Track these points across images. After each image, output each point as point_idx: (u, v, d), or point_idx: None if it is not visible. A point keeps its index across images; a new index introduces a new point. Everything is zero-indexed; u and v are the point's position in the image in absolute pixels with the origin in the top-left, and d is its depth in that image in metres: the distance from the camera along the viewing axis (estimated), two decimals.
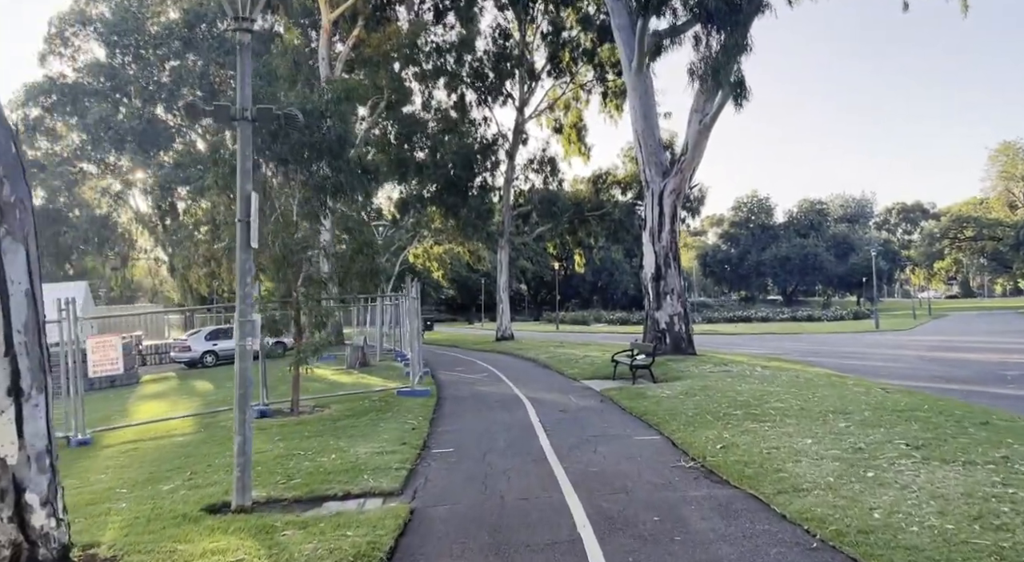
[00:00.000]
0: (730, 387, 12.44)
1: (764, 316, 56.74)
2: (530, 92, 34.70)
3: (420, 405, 12.57)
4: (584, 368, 18.04)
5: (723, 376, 14.14)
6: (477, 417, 11.40)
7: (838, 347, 25.53)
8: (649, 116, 19.14)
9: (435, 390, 15.14)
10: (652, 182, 19.01)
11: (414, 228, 45.38)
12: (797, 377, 13.59)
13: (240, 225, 6.34)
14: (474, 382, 16.97)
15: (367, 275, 12.50)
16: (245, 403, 6.38)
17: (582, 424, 10.24)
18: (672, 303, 18.63)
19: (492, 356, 25.79)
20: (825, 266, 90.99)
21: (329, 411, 12.39)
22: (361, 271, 12.35)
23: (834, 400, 10.47)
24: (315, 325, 12.23)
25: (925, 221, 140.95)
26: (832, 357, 20.64)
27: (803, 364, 17.37)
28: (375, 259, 12.48)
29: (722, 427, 8.91)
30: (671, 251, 18.81)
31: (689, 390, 12.33)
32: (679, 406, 10.75)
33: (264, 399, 12.48)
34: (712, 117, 17.72)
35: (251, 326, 6.42)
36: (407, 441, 9.15)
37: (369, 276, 12.55)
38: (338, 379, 18.58)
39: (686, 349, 18.48)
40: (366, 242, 12.28)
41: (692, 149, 18.23)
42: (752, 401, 10.69)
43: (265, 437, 9.98)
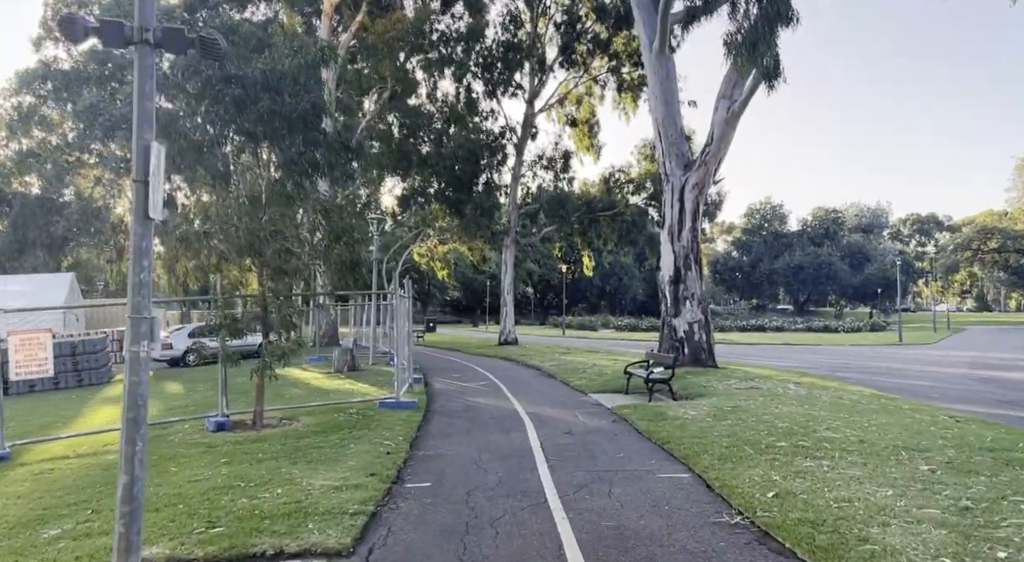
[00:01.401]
0: (765, 409, 10.64)
1: (778, 326, 54.77)
2: (541, 84, 33.01)
3: (403, 420, 10.84)
4: (592, 379, 16.27)
5: (753, 394, 12.33)
6: (467, 438, 9.65)
7: (867, 362, 23.64)
8: (670, 103, 17.36)
9: (424, 401, 13.40)
10: (672, 176, 17.24)
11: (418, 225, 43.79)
12: (840, 398, 11.77)
13: (136, 187, 4.62)
14: (470, 392, 15.23)
15: (346, 268, 10.79)
16: (136, 431, 4.64)
17: (592, 452, 8.47)
18: (692, 309, 16.83)
19: (493, 362, 24.05)
20: (840, 276, 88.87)
21: (297, 425, 10.68)
22: (339, 263, 10.65)
23: (898, 431, 8.66)
24: (284, 325, 10.51)
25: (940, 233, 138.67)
26: (865, 373, 18.79)
27: (838, 381, 15.54)
28: (355, 250, 10.77)
29: (768, 464, 7.12)
30: (692, 252, 17.03)
31: (717, 411, 10.54)
32: (709, 432, 8.96)
33: (223, 409, 10.77)
34: (742, 103, 15.93)
35: (147, 326, 4.69)
36: (376, 471, 7.41)
37: (349, 269, 10.84)
38: (321, 384, 16.88)
39: (706, 361, 16.68)
40: (344, 229, 10.57)
41: (718, 140, 16.45)
42: (797, 429, 8.89)
43: (209, 458, 8.28)
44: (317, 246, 10.74)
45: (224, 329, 10.18)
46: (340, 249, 10.68)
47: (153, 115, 4.88)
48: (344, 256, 10.66)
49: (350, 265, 10.79)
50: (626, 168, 34.22)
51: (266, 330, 10.86)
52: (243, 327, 10.33)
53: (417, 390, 15.15)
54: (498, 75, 31.72)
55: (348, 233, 10.61)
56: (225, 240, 9.92)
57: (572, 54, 31.59)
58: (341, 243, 10.60)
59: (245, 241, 9.83)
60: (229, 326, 10.12)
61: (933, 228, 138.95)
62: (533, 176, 34.62)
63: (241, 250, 9.84)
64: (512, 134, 32.96)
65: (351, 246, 10.78)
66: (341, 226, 10.54)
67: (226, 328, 10.16)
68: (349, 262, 10.75)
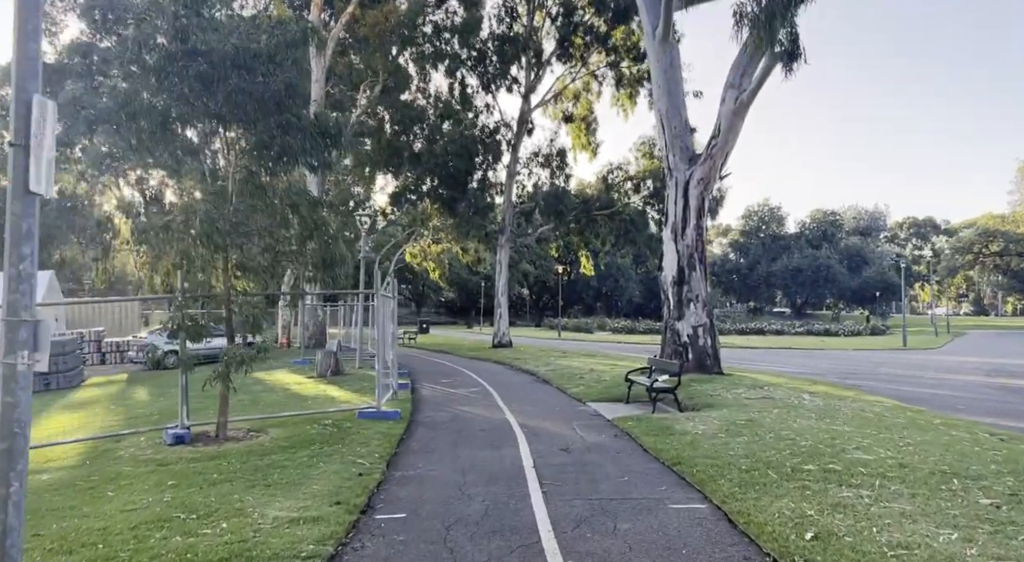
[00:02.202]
0: (782, 423, 9.63)
1: (778, 329, 53.87)
2: (537, 79, 31.99)
3: (383, 433, 9.80)
4: (590, 386, 15.26)
5: (766, 406, 11.32)
6: (452, 455, 8.62)
7: (877, 368, 22.68)
8: (674, 93, 16.37)
9: (409, 410, 12.37)
10: (676, 170, 16.24)
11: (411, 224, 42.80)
12: (863, 410, 10.77)
13: (13, 154, 3.58)
14: (459, 400, 14.20)
15: (321, 266, 9.74)
16: (11, 467, 3.60)
17: (592, 475, 7.45)
18: (696, 312, 15.83)
19: (486, 366, 23.01)
20: (838, 279, 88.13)
21: (265, 438, 9.64)
22: (312, 260, 9.60)
23: (939, 452, 7.66)
24: (248, 328, 9.47)
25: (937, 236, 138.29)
26: (878, 380, 17.83)
27: (852, 390, 14.56)
28: (331, 246, 9.73)
29: (798, 494, 6.12)
30: (696, 251, 16.02)
31: (730, 425, 9.53)
32: (724, 451, 7.95)
33: (184, 420, 9.71)
34: (751, 93, 14.94)
35: (28, 332, 3.64)
36: (343, 498, 6.39)
37: (324, 267, 9.80)
38: (301, 390, 15.83)
39: (712, 367, 15.68)
40: (318, 223, 9.53)
41: (725, 132, 15.46)
42: (823, 448, 7.88)
43: (156, 480, 7.24)
44: (289, 241, 9.69)
45: (183, 332, 9.12)
46: (314, 246, 9.63)
47: (39, 62, 3.83)
48: (318, 253, 9.62)
49: (325, 263, 9.74)
50: (625, 165, 33.24)
51: (230, 333, 9.83)
52: (204, 330, 9.27)
53: (403, 397, 14.13)
54: (493, 69, 30.72)
55: (322, 228, 9.57)
56: (184, 233, 8.88)
57: (569, 47, 30.58)
58: (314, 239, 9.55)
59: (203, 234, 8.79)
60: (188, 328, 9.06)
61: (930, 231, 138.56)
62: (529, 174, 33.65)
63: (200, 244, 8.78)
64: (507, 130, 31.97)
65: (325, 244, 9.73)
66: (314, 220, 9.49)
67: (185, 331, 9.10)
68: (324, 260, 9.70)
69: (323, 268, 9.88)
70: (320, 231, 9.62)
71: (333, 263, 9.72)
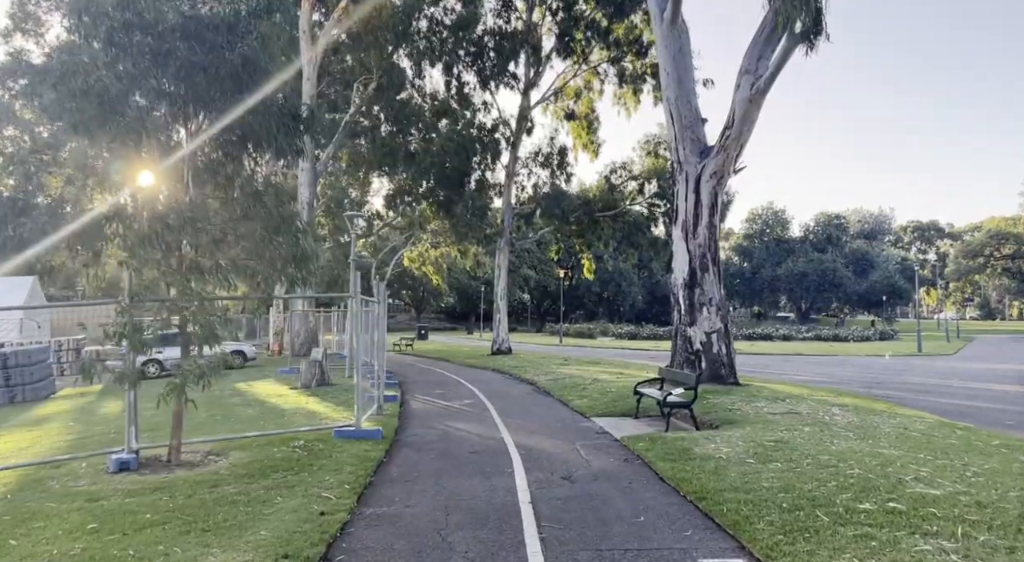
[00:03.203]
0: (819, 445, 8.36)
1: (785, 334, 52.51)
2: (537, 75, 30.80)
3: (358, 457, 8.55)
4: (595, 398, 13.99)
5: (794, 423, 10.05)
6: (435, 486, 7.36)
7: (899, 376, 21.38)
8: (684, 80, 15.16)
9: (394, 426, 11.12)
10: (687, 164, 15.02)
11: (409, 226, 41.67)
12: (905, 428, 9.50)
13: None
14: (451, 414, 12.94)
15: (289, 264, 8.51)
16: None
17: (601, 513, 6.20)
18: (710, 317, 14.58)
19: (483, 375, 21.74)
20: (844, 283, 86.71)
21: (223, 463, 8.39)
22: (278, 258, 8.36)
23: (1017, 484, 6.40)
24: (203, 337, 8.24)
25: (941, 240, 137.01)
26: (908, 390, 16.55)
27: (883, 402, 13.28)
28: (301, 243, 8.50)
29: (861, 545, 4.86)
30: (709, 251, 14.79)
31: (758, 447, 8.26)
32: (756, 481, 6.69)
33: (131, 442, 8.47)
34: (769, 78, 13.72)
35: None
36: (295, 548, 5.15)
37: (293, 266, 8.56)
38: (280, 403, 14.59)
39: (727, 377, 14.42)
40: (284, 217, 8.30)
41: (740, 122, 14.24)
42: (876, 479, 6.62)
43: (77, 520, 6.00)
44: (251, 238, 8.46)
45: (127, 341, 7.89)
46: (279, 243, 8.40)
47: None
48: (287, 252, 8.39)
49: (294, 262, 8.50)
50: (628, 164, 32.00)
51: (185, 343, 8.59)
52: (151, 339, 8.04)
53: (389, 411, 12.89)
54: (491, 65, 29.55)
55: (288, 222, 8.34)
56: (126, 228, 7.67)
57: (570, 42, 29.41)
58: (279, 235, 8.32)
59: (147, 228, 7.59)
60: (132, 337, 7.82)
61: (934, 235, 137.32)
62: (529, 174, 32.42)
63: (144, 240, 7.56)
64: (506, 128, 30.77)
65: (294, 240, 8.50)
66: (280, 214, 8.27)
67: (129, 340, 7.87)
68: (293, 257, 8.46)
69: (293, 267, 8.64)
70: (288, 225, 8.39)
71: (304, 260, 8.47)
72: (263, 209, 7.99)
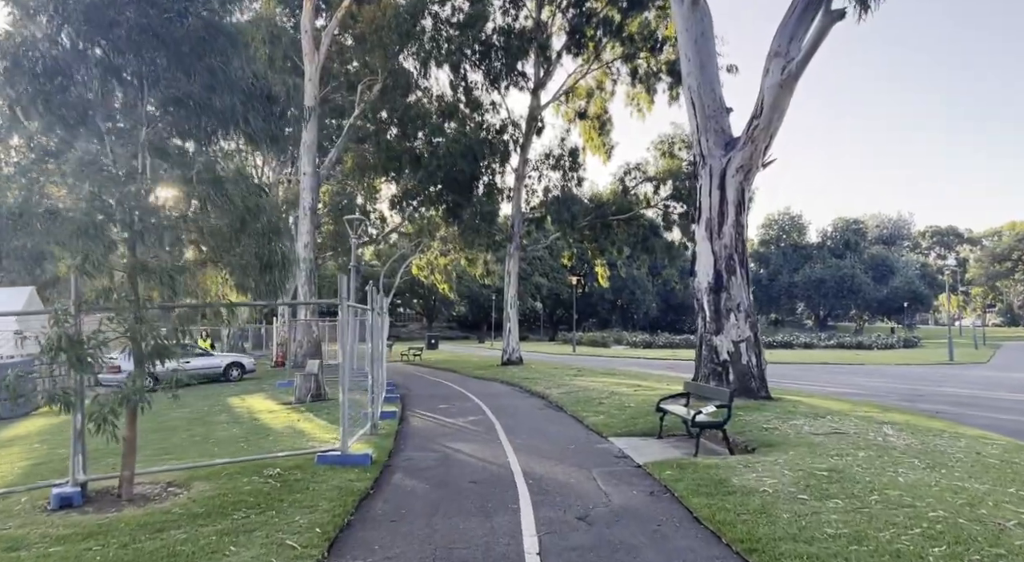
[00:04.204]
0: (880, 474, 7.04)
1: (806, 342, 50.85)
2: (547, 75, 29.68)
3: (340, 490, 7.34)
4: (612, 414, 12.70)
5: (844, 445, 8.72)
6: (427, 530, 6.12)
7: (939, 387, 19.90)
8: (707, 67, 13.92)
9: (387, 450, 9.89)
10: (710, 157, 13.76)
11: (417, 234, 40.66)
12: (978, 453, 8.15)
13: None
14: (454, 434, 11.71)
15: (260, 268, 7.35)
16: None
17: None
18: (737, 324, 13.28)
19: (492, 387, 20.49)
20: (863, 289, 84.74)
21: (181, 498, 7.21)
22: (245, 261, 7.21)
23: None
24: (153, 351, 7.09)
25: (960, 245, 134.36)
26: (957, 405, 15.11)
27: (941, 420, 11.90)
28: (273, 242, 7.34)
29: None
30: (736, 251, 13.51)
31: (809, 478, 6.97)
32: (815, 526, 5.41)
33: (77, 474, 7.31)
34: (801, 61, 12.46)
35: None
36: None
37: (262, 269, 7.41)
38: (269, 420, 13.44)
39: (758, 391, 13.09)
40: (251, 210, 7.15)
41: (769, 109, 12.98)
42: (968, 523, 5.31)
43: None
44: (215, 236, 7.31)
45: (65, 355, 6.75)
46: (248, 242, 7.25)
47: None
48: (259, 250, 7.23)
49: (264, 265, 7.33)
50: (643, 165, 30.73)
51: (138, 358, 7.43)
52: (91, 353, 6.89)
53: (385, 429, 11.67)
54: (499, 64, 28.44)
55: (255, 215, 7.17)
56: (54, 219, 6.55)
57: (582, 39, 28.27)
58: (246, 233, 7.16)
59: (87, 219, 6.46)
60: (69, 351, 6.68)
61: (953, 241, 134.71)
62: (539, 177, 31.21)
63: (78, 233, 6.43)
64: (515, 129, 29.64)
65: (265, 239, 7.34)
66: (246, 206, 7.10)
67: (67, 356, 6.72)
68: (259, 260, 7.29)
69: (262, 270, 7.47)
70: (255, 221, 7.23)
71: (271, 265, 7.30)
72: (224, 200, 6.81)
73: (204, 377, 23.48)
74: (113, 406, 6.96)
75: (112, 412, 6.91)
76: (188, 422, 13.61)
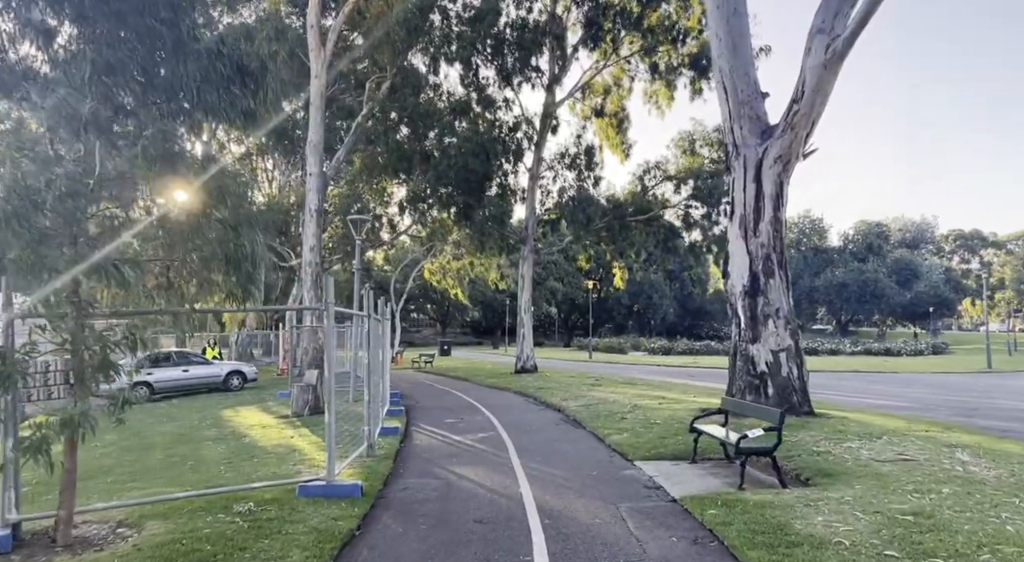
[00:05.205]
0: (983, 521, 5.70)
1: (832, 348, 49.08)
2: (563, 70, 28.45)
3: (319, 533, 6.12)
4: (637, 433, 11.38)
5: (918, 476, 7.37)
6: None
7: (991, 399, 18.37)
8: (740, 47, 12.63)
9: (383, 475, 8.66)
10: (745, 146, 12.45)
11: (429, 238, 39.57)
12: None
13: None
14: (460, 455, 10.45)
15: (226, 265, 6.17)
16: None
17: None
18: (777, 331, 11.94)
19: (504, 398, 19.22)
20: (886, 294, 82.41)
21: (130, 542, 6.03)
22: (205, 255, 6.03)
23: None
24: (96, 367, 5.93)
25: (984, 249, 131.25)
26: (1018, 420, 13.63)
27: (1012, 441, 10.48)
28: (241, 235, 6.16)
29: None
30: (775, 251, 12.18)
31: (891, 524, 5.64)
32: None
33: (8, 513, 6.15)
34: (848, 38, 11.12)
35: None
36: None
37: (231, 267, 6.23)
38: (261, 436, 12.27)
39: (800, 406, 11.73)
40: (218, 195, 5.97)
41: (811, 93, 11.65)
42: None
43: None
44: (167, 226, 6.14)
45: None
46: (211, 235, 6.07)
47: None
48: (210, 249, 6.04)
49: (231, 262, 6.15)
50: (663, 163, 29.37)
51: (79, 374, 6.25)
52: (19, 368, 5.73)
53: (384, 449, 10.45)
54: (512, 58, 27.26)
55: (220, 200, 5.99)
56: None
57: (598, 32, 27.01)
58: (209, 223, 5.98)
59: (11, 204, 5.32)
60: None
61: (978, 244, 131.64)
62: (554, 177, 29.93)
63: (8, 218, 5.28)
64: (529, 127, 28.39)
65: (233, 231, 6.16)
66: (205, 191, 5.93)
67: None
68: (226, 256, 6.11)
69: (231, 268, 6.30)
70: (221, 206, 6.05)
71: (237, 261, 6.11)
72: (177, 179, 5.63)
73: (204, 386, 22.48)
74: (49, 432, 5.83)
75: (46, 439, 5.79)
76: (172, 439, 12.49)
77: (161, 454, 10.91)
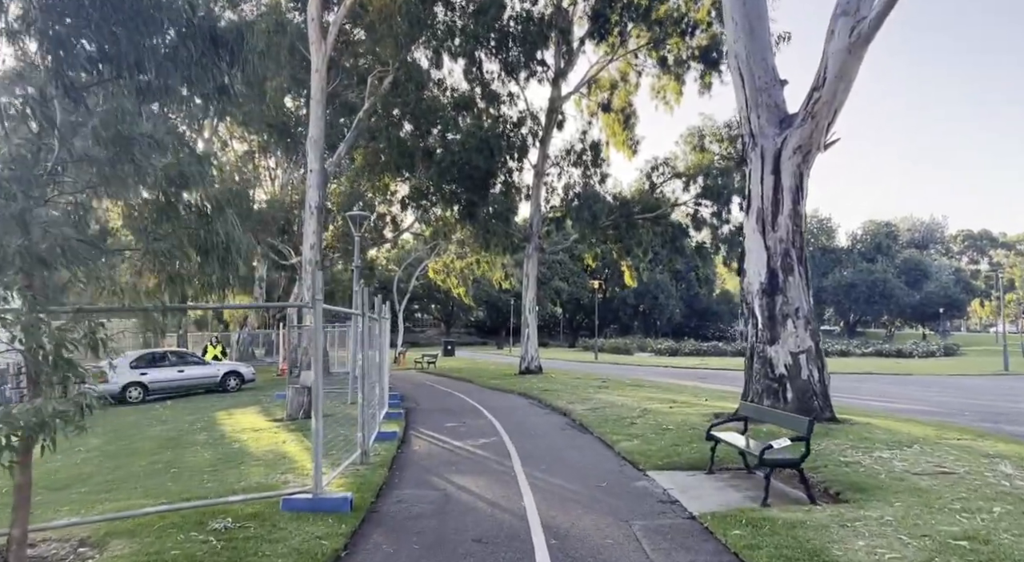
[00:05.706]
0: None
1: (842, 350, 48.27)
2: (568, 64, 27.81)
3: (302, 555, 5.50)
4: (648, 440, 10.72)
5: (962, 491, 6.70)
6: None
7: (1017, 403, 17.64)
8: (757, 31, 11.96)
9: (376, 485, 8.03)
10: (762, 136, 11.79)
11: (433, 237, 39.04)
12: None
13: None
14: (460, 463, 9.82)
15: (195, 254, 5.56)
16: None
17: None
18: (796, 332, 11.27)
19: (508, 401, 18.58)
20: (895, 294, 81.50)
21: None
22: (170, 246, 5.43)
23: None
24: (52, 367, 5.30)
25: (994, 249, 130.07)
26: None
27: None
28: (212, 222, 5.55)
29: None
30: (794, 246, 11.51)
31: (942, 550, 4.99)
32: None
33: None
34: (875, 20, 10.44)
35: None
36: None
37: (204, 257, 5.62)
38: (252, 441, 11.67)
39: (822, 411, 11.05)
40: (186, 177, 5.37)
41: (834, 79, 10.99)
42: None
43: None
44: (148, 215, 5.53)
45: None
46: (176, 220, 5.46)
47: None
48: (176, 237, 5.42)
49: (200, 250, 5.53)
50: (671, 160, 28.70)
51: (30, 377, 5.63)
52: None
53: (379, 457, 9.83)
54: (517, 52, 26.62)
55: (187, 182, 5.38)
56: None
57: (605, 25, 26.35)
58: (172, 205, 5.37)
59: None
60: None
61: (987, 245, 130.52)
62: (560, 174, 29.30)
63: None
64: (534, 122, 27.75)
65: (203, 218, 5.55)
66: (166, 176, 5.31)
67: None
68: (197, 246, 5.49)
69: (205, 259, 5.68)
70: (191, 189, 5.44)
71: (208, 250, 5.50)
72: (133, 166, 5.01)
73: (200, 387, 21.94)
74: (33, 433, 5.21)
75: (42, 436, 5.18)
76: (159, 444, 11.91)
77: (144, 461, 10.31)
